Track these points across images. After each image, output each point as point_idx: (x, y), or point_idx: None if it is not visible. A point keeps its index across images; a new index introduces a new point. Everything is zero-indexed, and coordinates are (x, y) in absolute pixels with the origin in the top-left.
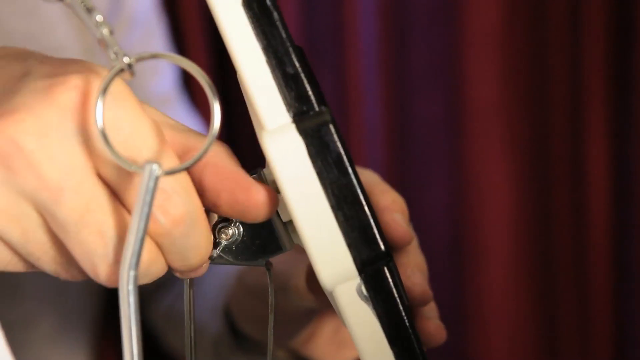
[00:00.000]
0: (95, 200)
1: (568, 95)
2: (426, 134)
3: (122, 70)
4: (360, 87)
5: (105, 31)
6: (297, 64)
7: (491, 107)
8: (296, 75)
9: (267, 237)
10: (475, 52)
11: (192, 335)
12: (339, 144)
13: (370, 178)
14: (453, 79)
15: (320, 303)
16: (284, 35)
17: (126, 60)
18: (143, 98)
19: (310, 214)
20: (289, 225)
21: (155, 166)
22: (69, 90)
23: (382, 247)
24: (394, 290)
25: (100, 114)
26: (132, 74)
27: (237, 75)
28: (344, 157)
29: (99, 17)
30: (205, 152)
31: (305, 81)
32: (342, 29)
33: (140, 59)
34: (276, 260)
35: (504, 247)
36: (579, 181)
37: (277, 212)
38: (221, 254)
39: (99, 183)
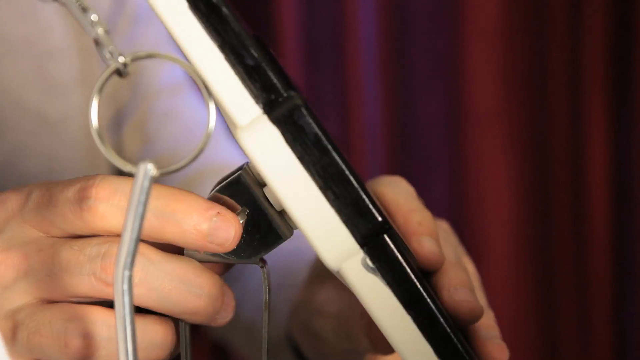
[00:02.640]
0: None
1: (568, 95)
2: (426, 134)
3: (117, 69)
4: (360, 87)
5: (100, 30)
6: (255, 55)
7: (491, 108)
8: (257, 66)
9: (266, 229)
10: (475, 52)
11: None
12: (314, 125)
13: (398, 193)
14: (453, 79)
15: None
16: (236, 28)
17: (121, 59)
18: (154, 88)
19: (301, 200)
20: (284, 213)
21: (150, 166)
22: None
23: (378, 216)
24: (399, 256)
25: (95, 113)
26: (128, 73)
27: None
28: (322, 137)
29: (94, 17)
30: (200, 151)
31: (267, 69)
32: (342, 29)
33: (135, 58)
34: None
35: (504, 247)
36: (579, 181)
37: (270, 203)
38: (224, 256)
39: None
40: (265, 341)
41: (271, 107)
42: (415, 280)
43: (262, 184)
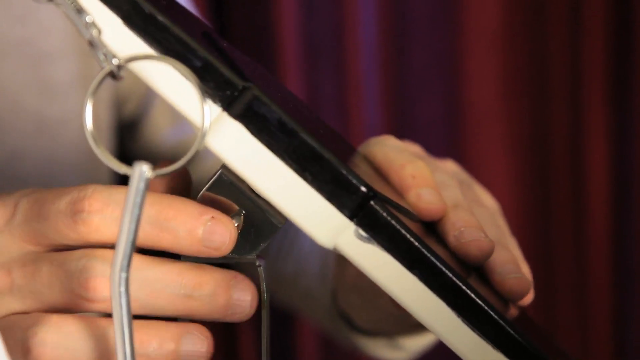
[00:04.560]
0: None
1: (568, 94)
2: (426, 134)
3: (111, 72)
4: (360, 87)
5: (94, 32)
6: (202, 54)
7: (491, 108)
8: (206, 65)
9: (260, 221)
10: (475, 52)
11: None
12: (275, 110)
13: (387, 151)
14: (453, 79)
15: None
16: (176, 33)
17: (115, 61)
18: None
19: (281, 188)
20: None
21: (145, 167)
22: None
23: (360, 186)
24: (391, 220)
25: (89, 116)
26: (122, 76)
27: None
28: (286, 120)
29: (88, 18)
30: (194, 153)
31: (218, 67)
32: (342, 29)
33: (130, 60)
34: None
35: None
36: (579, 181)
37: (257, 195)
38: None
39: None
40: (266, 340)
41: (229, 103)
42: (412, 239)
43: None
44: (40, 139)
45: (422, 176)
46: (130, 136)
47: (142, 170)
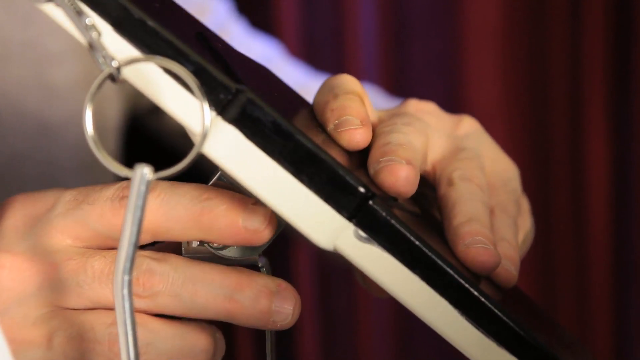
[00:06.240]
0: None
1: (568, 95)
2: None
3: (110, 74)
4: None
5: (94, 34)
6: (194, 58)
7: (491, 107)
8: (198, 69)
9: None
10: (475, 52)
11: None
12: (269, 113)
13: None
14: (453, 79)
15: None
16: (166, 36)
17: (115, 64)
18: None
19: (278, 191)
20: None
21: (146, 170)
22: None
23: (358, 186)
24: (390, 219)
25: (89, 119)
26: (122, 79)
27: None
28: (281, 122)
29: (88, 20)
30: (197, 154)
31: (210, 71)
32: (342, 29)
33: (129, 62)
34: None
35: None
36: (579, 181)
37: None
38: (222, 253)
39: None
40: (270, 351)
41: (223, 107)
42: (412, 238)
43: None
44: (41, 141)
45: (394, 145)
46: (162, 120)
47: (143, 173)
